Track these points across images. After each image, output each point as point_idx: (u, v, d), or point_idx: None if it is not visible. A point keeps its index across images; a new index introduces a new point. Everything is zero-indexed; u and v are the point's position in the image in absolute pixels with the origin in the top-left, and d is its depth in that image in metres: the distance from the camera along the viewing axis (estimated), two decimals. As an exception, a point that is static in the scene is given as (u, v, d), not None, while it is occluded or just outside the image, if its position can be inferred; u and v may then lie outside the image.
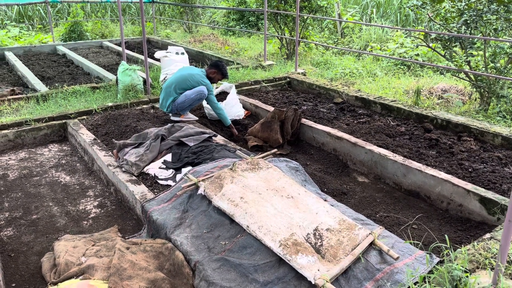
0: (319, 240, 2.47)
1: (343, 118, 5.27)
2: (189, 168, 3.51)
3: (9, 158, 4.54)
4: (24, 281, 2.71)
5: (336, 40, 10.32)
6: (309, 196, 2.91)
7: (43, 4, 10.67)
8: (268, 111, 5.16)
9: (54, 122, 5.00)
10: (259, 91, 6.50)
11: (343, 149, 4.39)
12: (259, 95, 6.28)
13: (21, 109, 5.42)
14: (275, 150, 3.84)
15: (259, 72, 7.31)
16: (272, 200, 2.83)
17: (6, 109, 5.36)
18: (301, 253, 2.34)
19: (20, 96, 5.79)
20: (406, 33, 8.12)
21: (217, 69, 4.95)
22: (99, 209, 3.57)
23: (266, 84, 6.65)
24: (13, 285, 2.67)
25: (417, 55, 8.09)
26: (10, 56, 8.73)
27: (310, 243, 2.45)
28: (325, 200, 3.01)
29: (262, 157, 3.52)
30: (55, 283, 2.55)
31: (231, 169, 3.20)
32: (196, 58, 8.85)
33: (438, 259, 2.49)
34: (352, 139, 4.32)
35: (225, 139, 4.45)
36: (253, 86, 6.54)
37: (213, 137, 4.16)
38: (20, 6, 12.26)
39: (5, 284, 2.64)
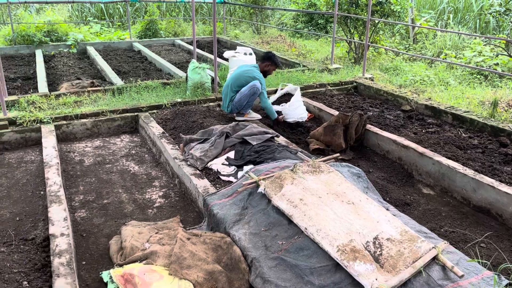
0: (379, 249, 2.42)
1: (411, 126, 5.09)
2: (251, 166, 3.57)
3: (86, 145, 4.88)
4: (93, 260, 2.91)
5: (407, 45, 9.97)
6: (371, 203, 2.85)
7: (123, 2, 11.32)
8: (332, 115, 5.11)
9: (127, 114, 5.31)
10: (324, 95, 6.44)
11: (408, 159, 4.24)
12: (324, 98, 6.23)
13: (98, 100, 5.80)
14: (338, 154, 3.80)
15: (325, 75, 7.25)
16: (332, 204, 2.81)
17: (86, 99, 5.76)
18: (359, 260, 2.30)
19: (98, 88, 6.20)
20: (486, 41, 7.67)
21: (270, 61, 5.05)
22: (164, 199, 3.74)
23: (331, 88, 6.58)
24: (83, 263, 2.88)
25: (497, 64, 7.60)
26: (91, 50, 9.37)
27: (369, 251, 2.41)
28: (387, 209, 2.93)
29: (324, 161, 3.50)
30: (121, 265, 2.72)
31: (292, 170, 3.21)
32: (262, 59, 8.95)
33: (507, 282, 2.34)
34: (420, 148, 4.16)
35: (287, 140, 4.48)
36: (318, 89, 6.51)
37: (276, 138, 4.20)
38: (103, 4, 13.11)
39: (77, 261, 2.84)
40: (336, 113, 5.13)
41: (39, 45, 9.60)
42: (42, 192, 3.79)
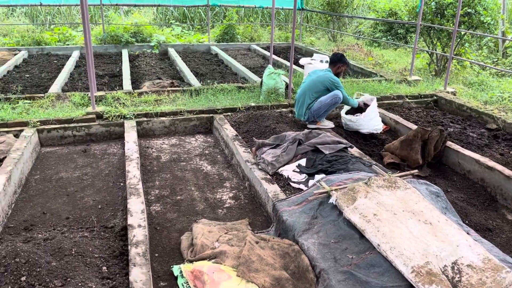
0: (458, 275, 2.27)
1: (497, 146, 4.74)
2: (323, 175, 3.53)
3: (163, 142, 5.12)
4: (165, 254, 3.03)
5: (496, 60, 9.31)
6: (450, 225, 2.69)
7: (204, 7, 11.74)
8: (409, 129, 4.91)
9: (203, 115, 5.48)
10: (401, 107, 6.21)
11: (493, 181, 3.95)
12: (401, 110, 6.00)
13: (177, 100, 6.06)
14: (416, 171, 3.63)
15: (403, 87, 6.98)
16: (408, 223, 2.68)
17: (165, 98, 6.05)
18: (435, 285, 2.18)
19: (177, 88, 6.48)
20: None
21: (340, 62, 5.01)
22: (233, 201, 3.81)
23: (409, 100, 6.32)
24: (156, 255, 3.01)
25: None
26: (172, 52, 9.82)
27: (447, 276, 2.27)
28: (468, 233, 2.75)
29: (401, 176, 3.36)
30: (191, 261, 2.80)
31: (366, 183, 3.13)
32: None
33: None
34: (506, 171, 3.86)
35: (360, 151, 4.37)
36: (395, 101, 6.28)
37: (349, 148, 4.11)
38: (185, 8, 13.70)
39: (150, 253, 2.98)
40: (413, 127, 4.92)
41: (126, 45, 10.25)
42: (122, 184, 4.02)
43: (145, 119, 5.28)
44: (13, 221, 3.35)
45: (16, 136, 4.63)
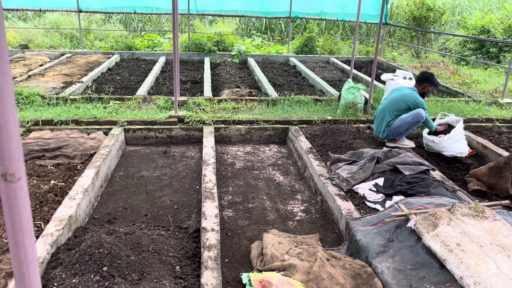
0: (554, 324, 2.04)
1: None
2: (401, 197, 3.37)
3: (238, 150, 5.22)
4: (235, 260, 3.06)
5: None
6: (546, 266, 2.43)
7: (286, 18, 11.87)
8: (499, 155, 4.55)
9: (278, 125, 5.51)
10: (490, 131, 5.77)
11: None
12: (490, 135, 5.58)
13: (254, 109, 6.16)
14: (507, 201, 3.34)
15: (493, 109, 6.50)
16: (496, 257, 2.47)
17: (243, 107, 6.17)
18: (527, 331, 1.97)
19: (255, 98, 6.59)
20: None
21: (428, 82, 4.71)
22: (304, 214, 3.76)
23: (500, 124, 5.86)
24: (226, 260, 3.06)
25: None
26: (251, 62, 10.03)
27: (541, 323, 2.04)
28: None
29: (489, 206, 3.11)
30: (260, 271, 2.81)
31: (449, 210, 2.93)
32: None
33: None
34: None
35: (442, 175, 4.12)
36: (483, 124, 5.86)
37: (431, 171, 3.89)
38: (267, 19, 13.96)
39: (221, 258, 3.03)
40: (504, 153, 4.55)
41: (208, 53, 10.66)
42: (197, 187, 4.16)
43: (222, 125, 5.43)
44: (98, 213, 3.59)
45: (106, 133, 4.98)
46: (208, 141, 4.90)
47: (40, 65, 8.58)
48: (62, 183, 3.67)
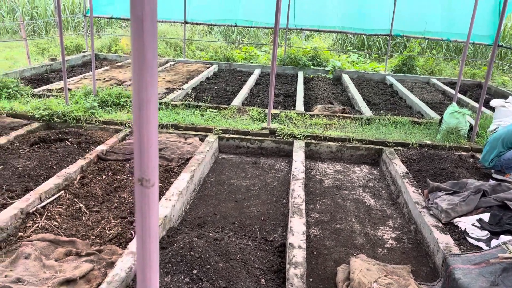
0: None
1: None
2: (510, 237, 3.04)
3: (327, 167, 5.12)
4: (319, 281, 2.98)
5: None
6: None
7: (385, 36, 11.52)
8: None
9: (372, 146, 5.32)
10: None
11: None
12: None
13: (346, 126, 6.02)
14: None
15: None
16: None
17: (335, 124, 6.07)
18: None
19: (348, 115, 6.45)
20: None
21: None
22: (395, 242, 3.56)
23: None
24: (310, 279, 2.99)
25: None
26: (346, 78, 9.86)
27: None
28: None
29: None
30: (346, 296, 2.69)
31: None
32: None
33: None
34: None
35: (561, 218, 3.63)
36: None
37: (547, 212, 3.46)
38: (365, 36, 13.67)
39: (306, 276, 2.97)
40: None
41: (302, 67, 10.70)
42: (284, 201, 4.15)
43: (313, 141, 5.38)
44: (189, 216, 3.74)
45: (201, 139, 5.20)
46: (298, 156, 4.88)
47: (147, 71, 9.27)
48: (159, 184, 3.89)
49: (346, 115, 6.49)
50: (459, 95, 8.36)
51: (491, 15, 10.11)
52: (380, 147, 5.29)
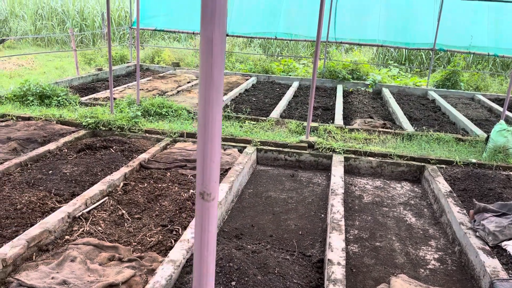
0: None
1: None
2: None
3: (367, 183, 5.03)
4: (358, 299, 2.92)
5: None
6: None
7: (428, 50, 11.27)
8: None
9: (414, 162, 5.19)
10: None
11: None
12: None
13: (387, 142, 5.91)
14: None
15: None
16: None
17: (375, 139, 5.97)
18: None
19: (389, 130, 6.33)
20: None
21: None
22: (438, 263, 3.44)
23: None
24: (349, 297, 2.93)
25: None
26: (386, 92, 9.70)
27: None
28: None
29: None
30: (386, 317, 2.62)
31: None
32: None
33: None
34: None
35: None
36: None
37: None
38: (406, 50, 13.43)
39: (344, 293, 2.92)
40: None
41: (341, 81, 10.62)
42: (322, 215, 4.10)
43: (353, 156, 5.31)
44: (227, 226, 3.77)
45: (240, 151, 5.24)
46: (337, 170, 4.82)
47: (188, 82, 9.49)
48: (199, 193, 3.95)
49: (386, 130, 6.37)
50: (507, 112, 8.03)
51: (542, 30, 9.70)
52: (422, 164, 5.15)
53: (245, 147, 5.32)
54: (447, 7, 9.99)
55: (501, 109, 7.88)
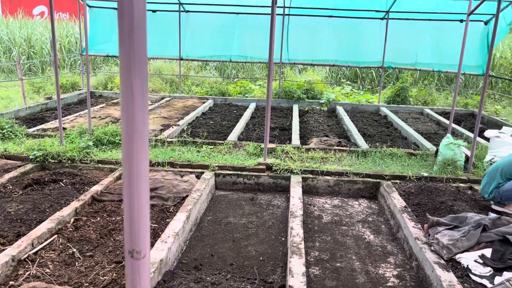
0: None
1: None
2: (514, 274, 2.97)
3: (325, 202, 5.07)
4: (321, 324, 2.88)
5: None
6: None
7: (377, 68, 11.70)
8: None
9: (369, 179, 5.29)
10: None
11: None
12: None
13: (343, 160, 6.01)
14: None
15: None
16: None
17: (331, 157, 6.06)
18: None
19: (344, 148, 6.45)
20: None
21: None
22: (397, 280, 3.47)
23: None
24: (312, 323, 2.89)
25: None
26: (340, 110, 9.94)
27: None
28: None
29: None
30: None
31: None
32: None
33: None
34: None
35: None
36: None
37: (550, 245, 3.40)
38: (358, 68, 13.89)
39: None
40: None
41: (297, 100, 10.80)
42: (283, 239, 4.07)
43: (310, 175, 5.35)
44: (186, 258, 3.65)
45: (198, 177, 5.16)
46: (296, 192, 4.83)
47: (143, 108, 9.31)
48: (155, 225, 3.82)
49: (342, 148, 6.49)
50: (453, 125, 8.41)
51: (479, 46, 10.33)
52: (378, 180, 5.26)
53: (203, 173, 5.24)
54: (392, 27, 10.46)
55: (447, 122, 8.24)
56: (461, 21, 10.14)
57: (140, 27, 0.74)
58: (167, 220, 3.98)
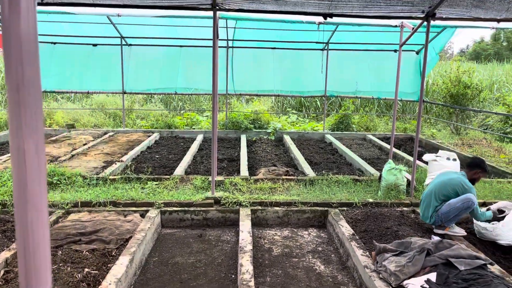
0: None
1: None
2: (459, 297, 3.03)
3: (275, 233, 5.02)
4: None
5: None
6: None
7: (321, 97, 12.07)
8: None
9: (317, 208, 5.32)
10: (548, 216, 5.32)
11: None
12: (549, 220, 5.13)
13: (291, 189, 6.02)
14: None
15: (548, 191, 6.07)
16: None
17: (280, 187, 6.06)
18: None
19: (292, 177, 6.48)
20: None
21: (479, 168, 4.53)
22: (349, 311, 3.45)
23: (559, 209, 5.41)
24: None
25: None
26: (287, 139, 10.08)
27: None
28: None
29: None
30: None
31: (518, 317, 2.58)
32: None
33: None
34: None
35: (501, 269, 3.74)
36: (539, 208, 5.43)
37: (489, 265, 3.54)
38: (302, 98, 14.26)
39: None
40: None
41: (245, 130, 10.84)
42: (233, 276, 3.94)
43: (259, 207, 5.29)
44: (130, 305, 3.42)
45: (142, 215, 4.94)
46: (245, 225, 4.74)
47: (84, 144, 8.93)
48: (95, 271, 3.57)
49: (289, 177, 6.52)
50: (394, 149, 8.76)
51: (413, 74, 10.98)
52: (326, 208, 5.30)
53: (147, 211, 5.03)
54: (333, 57, 10.89)
55: (389, 146, 8.57)
56: (395, 51, 10.75)
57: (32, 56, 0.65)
58: (108, 265, 3.74)
